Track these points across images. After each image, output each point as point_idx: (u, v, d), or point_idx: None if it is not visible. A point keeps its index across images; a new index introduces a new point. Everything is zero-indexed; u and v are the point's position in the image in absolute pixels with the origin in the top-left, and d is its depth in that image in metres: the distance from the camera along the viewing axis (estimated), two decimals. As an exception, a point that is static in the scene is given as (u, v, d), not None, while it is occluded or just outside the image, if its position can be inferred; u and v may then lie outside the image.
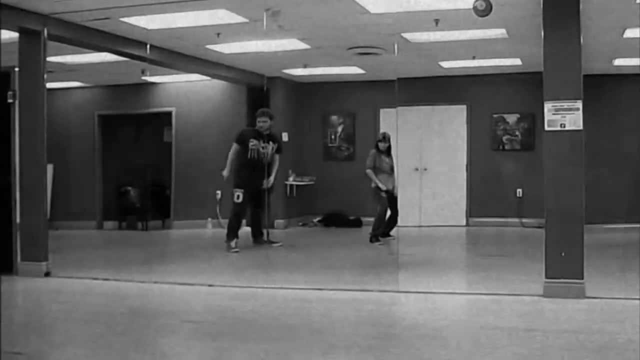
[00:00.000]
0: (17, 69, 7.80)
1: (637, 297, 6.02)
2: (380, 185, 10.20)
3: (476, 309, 6.15)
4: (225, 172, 9.74)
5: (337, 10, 7.72)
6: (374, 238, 10.22)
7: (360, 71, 12.02)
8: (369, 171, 10.28)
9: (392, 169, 10.51)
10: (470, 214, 12.82)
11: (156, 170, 12.98)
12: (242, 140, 9.81)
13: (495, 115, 12.75)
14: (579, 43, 6.23)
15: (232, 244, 9.53)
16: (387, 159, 10.45)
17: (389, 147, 10.51)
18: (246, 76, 11.97)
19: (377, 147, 10.45)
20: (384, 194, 10.25)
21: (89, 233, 12.98)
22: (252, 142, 9.77)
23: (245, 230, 11.12)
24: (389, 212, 10.39)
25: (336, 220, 12.91)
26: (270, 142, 9.91)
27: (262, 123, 9.83)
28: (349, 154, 13.49)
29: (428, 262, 8.92)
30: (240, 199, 9.66)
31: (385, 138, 10.50)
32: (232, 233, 9.62)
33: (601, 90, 11.59)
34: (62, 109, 13.34)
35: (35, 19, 7.54)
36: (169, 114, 13.28)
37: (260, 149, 9.81)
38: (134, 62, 9.87)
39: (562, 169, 6.28)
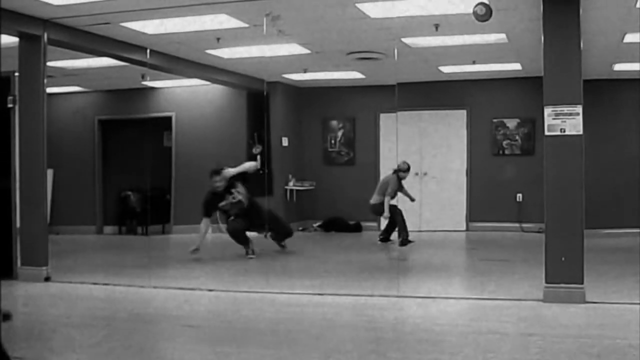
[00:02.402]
0: (17, 74, 7.81)
1: (638, 302, 6.02)
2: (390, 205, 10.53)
3: (476, 313, 6.14)
4: (196, 248, 9.40)
5: (337, 15, 7.72)
6: (406, 241, 10.38)
7: (360, 76, 12.03)
8: (387, 199, 10.52)
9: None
10: (470, 218, 12.82)
11: (156, 175, 12.98)
12: (210, 212, 9.70)
13: (495, 120, 12.75)
14: (579, 48, 6.24)
15: (249, 251, 9.54)
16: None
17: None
18: (246, 81, 11.97)
19: (398, 175, 10.82)
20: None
21: (89, 238, 12.98)
22: (221, 204, 9.69)
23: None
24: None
25: (336, 225, 12.89)
26: (229, 195, 9.68)
27: (219, 183, 9.61)
28: (349, 158, 13.48)
29: (428, 267, 8.92)
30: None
31: (409, 170, 11.04)
32: (243, 239, 9.63)
33: (601, 95, 11.60)
34: (62, 114, 13.36)
35: (35, 24, 7.55)
36: (169, 118, 13.30)
37: (229, 202, 9.70)
38: (134, 66, 9.87)
39: (562, 174, 6.28)
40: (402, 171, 10.86)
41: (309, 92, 13.49)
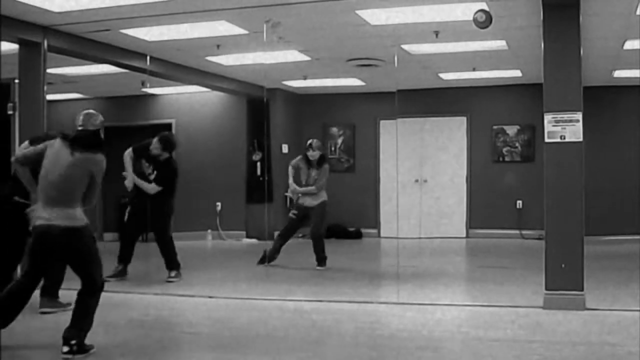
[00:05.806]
0: (17, 81, 7.81)
1: (638, 308, 6.01)
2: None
3: (476, 320, 6.13)
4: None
5: (337, 22, 7.74)
6: (264, 259, 9.21)
7: (360, 83, 12.04)
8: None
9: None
10: (470, 225, 12.81)
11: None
12: None
13: (495, 127, 12.75)
14: (579, 54, 6.24)
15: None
16: (313, 173, 9.18)
17: (322, 158, 9.24)
18: (246, 88, 11.99)
19: (305, 156, 9.20)
20: (293, 214, 9.45)
21: (88, 244, 12.93)
22: None
23: (246, 241, 11.08)
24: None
25: (336, 231, 12.87)
26: None
27: None
28: (348, 165, 13.48)
29: (428, 274, 8.90)
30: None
31: (312, 146, 9.13)
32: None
33: (601, 101, 11.60)
34: (62, 121, 13.33)
35: (35, 31, 7.56)
36: (169, 125, 13.29)
37: None
38: (134, 73, 9.88)
39: (562, 181, 6.28)
40: (306, 149, 9.18)
41: (309, 98, 13.50)
